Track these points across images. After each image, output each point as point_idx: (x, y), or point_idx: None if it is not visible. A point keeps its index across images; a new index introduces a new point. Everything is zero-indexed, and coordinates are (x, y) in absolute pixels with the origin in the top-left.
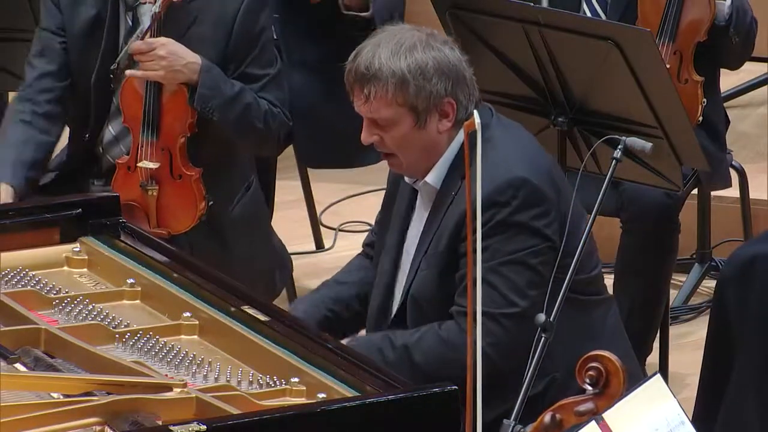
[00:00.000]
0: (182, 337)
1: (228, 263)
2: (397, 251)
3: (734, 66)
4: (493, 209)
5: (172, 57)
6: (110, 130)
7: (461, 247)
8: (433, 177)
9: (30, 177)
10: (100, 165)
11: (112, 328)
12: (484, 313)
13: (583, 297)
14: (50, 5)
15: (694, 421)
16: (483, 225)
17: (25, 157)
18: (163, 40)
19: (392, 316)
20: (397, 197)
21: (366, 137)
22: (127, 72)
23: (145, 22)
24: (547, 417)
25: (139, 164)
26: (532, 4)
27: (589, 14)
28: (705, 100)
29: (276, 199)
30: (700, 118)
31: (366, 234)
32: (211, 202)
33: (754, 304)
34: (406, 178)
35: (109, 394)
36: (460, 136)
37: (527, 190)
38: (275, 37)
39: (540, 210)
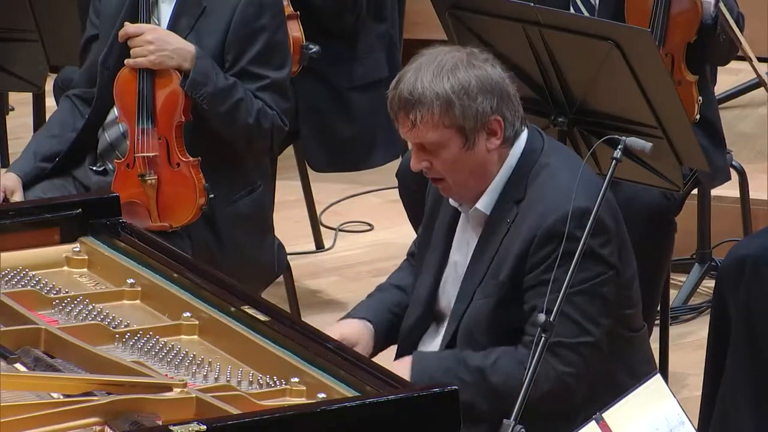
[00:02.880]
0: (182, 337)
1: (222, 256)
2: (437, 273)
3: (720, 63)
4: (558, 238)
5: (160, 42)
6: (106, 137)
7: (528, 280)
8: (484, 203)
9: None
10: (98, 153)
11: (112, 328)
12: (561, 344)
13: (630, 333)
14: None
15: (701, 420)
16: (549, 255)
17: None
18: (150, 26)
19: (446, 342)
20: (438, 216)
21: (415, 164)
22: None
23: (163, 9)
24: None
25: (137, 154)
26: (532, 4)
27: None
28: (701, 98)
29: (276, 199)
30: (698, 117)
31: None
32: (212, 195)
33: (742, 302)
34: (451, 201)
35: (109, 394)
36: (511, 161)
37: (589, 218)
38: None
39: (604, 238)
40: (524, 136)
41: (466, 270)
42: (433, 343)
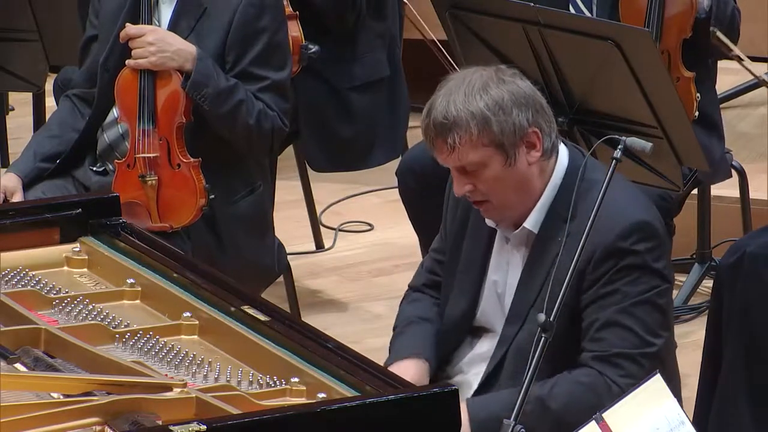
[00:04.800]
0: (182, 337)
1: (222, 257)
2: (473, 294)
3: (721, 56)
4: (618, 254)
5: (161, 43)
6: (105, 138)
7: (587, 297)
8: (532, 221)
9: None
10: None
11: (112, 328)
12: (623, 355)
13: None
14: None
15: (696, 417)
16: (609, 270)
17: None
18: (152, 27)
19: (492, 366)
20: (466, 235)
21: (458, 189)
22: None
23: (163, 10)
24: None
25: (138, 155)
26: (532, 4)
27: None
28: (699, 95)
29: (276, 199)
30: (696, 113)
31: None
32: (212, 196)
33: (740, 299)
34: (488, 221)
35: (109, 394)
36: (556, 179)
37: (648, 232)
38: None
39: (660, 251)
40: (565, 153)
41: (516, 291)
42: (466, 358)
